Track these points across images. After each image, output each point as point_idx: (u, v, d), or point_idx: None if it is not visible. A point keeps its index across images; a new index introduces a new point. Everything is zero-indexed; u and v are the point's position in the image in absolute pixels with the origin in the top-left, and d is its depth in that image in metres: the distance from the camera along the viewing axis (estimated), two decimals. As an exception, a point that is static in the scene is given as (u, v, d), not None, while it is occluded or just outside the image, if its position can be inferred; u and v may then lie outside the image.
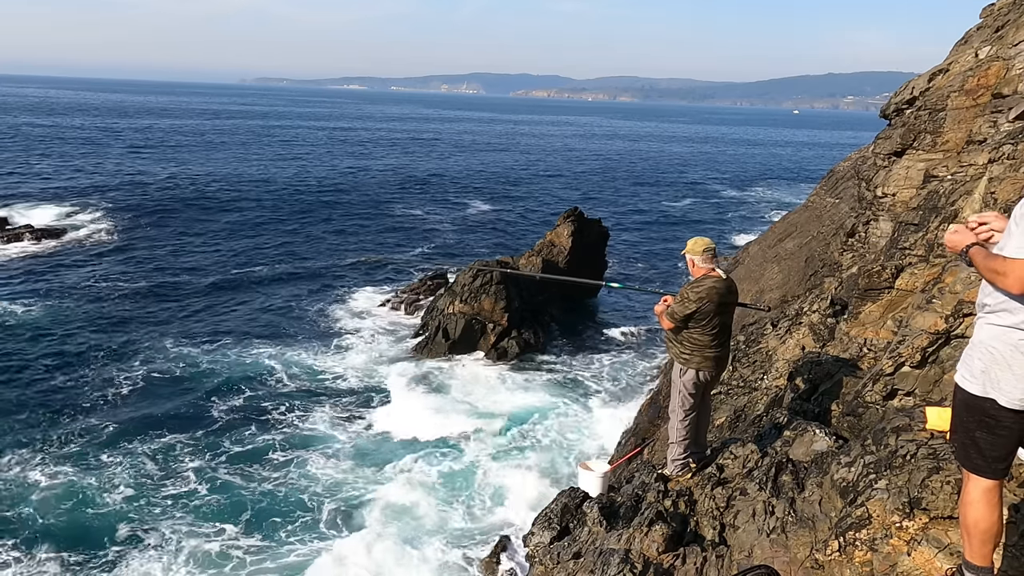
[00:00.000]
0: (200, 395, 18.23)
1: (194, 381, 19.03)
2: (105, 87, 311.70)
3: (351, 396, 18.82)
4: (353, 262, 31.65)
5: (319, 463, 15.52)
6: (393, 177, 58.76)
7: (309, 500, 14.15)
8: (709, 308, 5.85)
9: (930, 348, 6.00)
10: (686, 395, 6.13)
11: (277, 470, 15.17)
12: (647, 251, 37.56)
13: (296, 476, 14.98)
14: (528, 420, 18.03)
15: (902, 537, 4.10)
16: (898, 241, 8.45)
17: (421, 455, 16.14)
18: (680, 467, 6.37)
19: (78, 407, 17.31)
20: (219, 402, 17.95)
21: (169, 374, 19.37)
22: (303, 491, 14.43)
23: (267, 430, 16.81)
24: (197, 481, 14.53)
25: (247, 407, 17.85)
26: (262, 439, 16.39)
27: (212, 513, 13.54)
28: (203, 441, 16.10)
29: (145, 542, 12.68)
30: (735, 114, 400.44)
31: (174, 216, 37.93)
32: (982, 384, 3.06)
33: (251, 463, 15.37)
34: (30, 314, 22.82)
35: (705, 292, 5.84)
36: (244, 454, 15.75)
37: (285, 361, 20.59)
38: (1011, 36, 9.07)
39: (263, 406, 17.93)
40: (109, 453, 15.34)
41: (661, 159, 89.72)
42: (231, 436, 16.41)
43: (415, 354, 21.51)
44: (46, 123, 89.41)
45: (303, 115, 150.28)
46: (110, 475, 14.55)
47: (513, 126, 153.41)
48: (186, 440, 16.06)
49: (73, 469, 14.68)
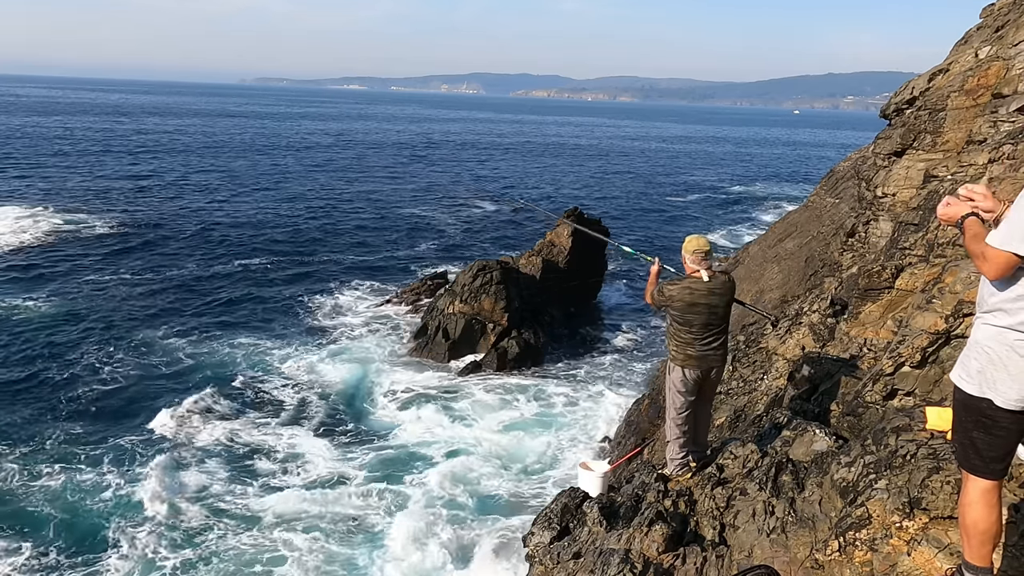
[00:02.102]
0: (199, 394, 18.17)
1: (192, 379, 18.99)
2: (105, 87, 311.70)
3: (351, 396, 18.80)
4: (353, 262, 31.65)
5: (318, 463, 15.50)
6: (392, 177, 58.80)
7: (308, 499, 14.13)
8: (680, 307, 5.88)
9: (930, 348, 6.00)
10: (675, 393, 6.17)
11: (274, 468, 15.16)
12: (647, 251, 37.53)
13: (295, 475, 14.97)
14: (527, 420, 18.03)
15: (902, 537, 4.10)
16: (898, 241, 8.46)
17: (420, 455, 16.14)
18: (680, 467, 6.38)
19: (62, 402, 17.43)
20: (217, 401, 17.90)
21: (169, 373, 19.35)
22: (303, 490, 14.41)
23: (263, 429, 16.80)
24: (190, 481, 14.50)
25: (245, 406, 17.82)
26: (258, 438, 16.36)
27: (195, 517, 13.46)
28: (199, 440, 16.08)
29: (131, 536, 12.71)
30: (735, 114, 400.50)
31: (174, 216, 37.94)
32: (978, 384, 3.06)
33: (247, 461, 15.36)
34: (32, 309, 22.82)
35: (677, 292, 5.90)
36: (240, 453, 15.74)
37: (283, 361, 20.58)
38: (1011, 36, 9.07)
39: (260, 406, 17.90)
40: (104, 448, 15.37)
41: (661, 159, 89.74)
42: (228, 435, 16.39)
43: (415, 354, 21.50)
44: (46, 123, 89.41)
45: (304, 115, 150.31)
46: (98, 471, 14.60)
47: (513, 126, 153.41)
48: (179, 440, 16.03)
49: (57, 466, 14.69)
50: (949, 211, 3.14)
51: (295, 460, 15.60)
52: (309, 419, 17.47)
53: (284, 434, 16.68)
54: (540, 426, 17.74)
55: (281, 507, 13.79)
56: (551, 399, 19.27)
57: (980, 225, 3.02)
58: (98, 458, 15.14)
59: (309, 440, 16.50)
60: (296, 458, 15.68)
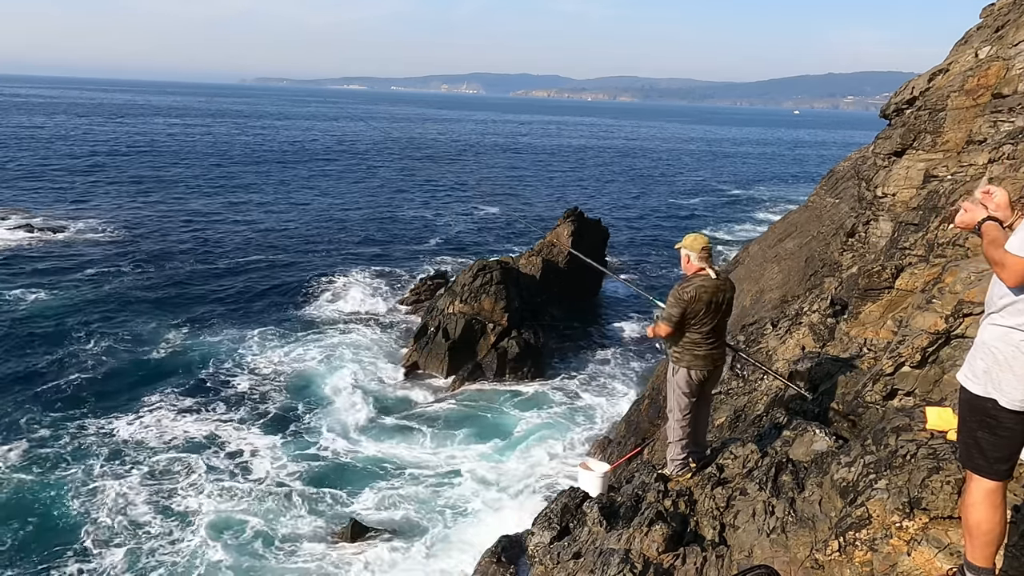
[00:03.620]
0: (197, 392, 18.21)
1: (189, 378, 19.01)
2: (106, 87, 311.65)
3: (349, 396, 18.78)
4: (353, 262, 31.63)
5: (316, 465, 15.50)
6: (392, 177, 58.82)
7: (307, 500, 14.13)
8: (698, 308, 5.85)
9: (930, 348, 5.99)
10: (680, 395, 6.14)
11: (271, 465, 15.15)
12: (647, 251, 37.56)
13: (293, 477, 14.97)
14: (527, 420, 18.03)
15: (902, 537, 4.10)
16: (898, 241, 8.46)
17: (418, 455, 16.14)
18: (680, 467, 6.37)
19: (55, 391, 17.60)
20: (215, 400, 17.93)
21: (167, 372, 19.34)
22: (300, 492, 14.40)
23: (259, 428, 16.78)
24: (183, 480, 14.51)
25: (241, 405, 17.82)
26: (254, 438, 16.35)
27: (187, 511, 13.50)
28: (197, 438, 16.09)
29: (121, 528, 12.78)
30: (735, 114, 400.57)
31: (175, 214, 37.96)
32: (984, 384, 3.06)
33: (241, 459, 15.36)
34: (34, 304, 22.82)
35: (694, 291, 5.85)
36: (234, 449, 15.73)
37: (282, 360, 20.57)
38: (1011, 36, 9.07)
39: (257, 404, 17.90)
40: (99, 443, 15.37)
41: (661, 159, 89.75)
42: (224, 434, 16.39)
43: (414, 354, 21.49)
44: (46, 124, 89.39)
45: (304, 115, 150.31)
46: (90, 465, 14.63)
47: (513, 126, 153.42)
48: (176, 438, 16.04)
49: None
50: (966, 217, 3.11)
51: (291, 459, 15.55)
52: (305, 420, 17.42)
53: (275, 434, 16.59)
54: (539, 426, 17.74)
55: (272, 506, 13.76)
56: (551, 399, 19.27)
57: (998, 230, 2.98)
58: (50, 453, 15.15)
59: (303, 440, 16.46)
60: (293, 457, 15.63)
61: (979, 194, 3.13)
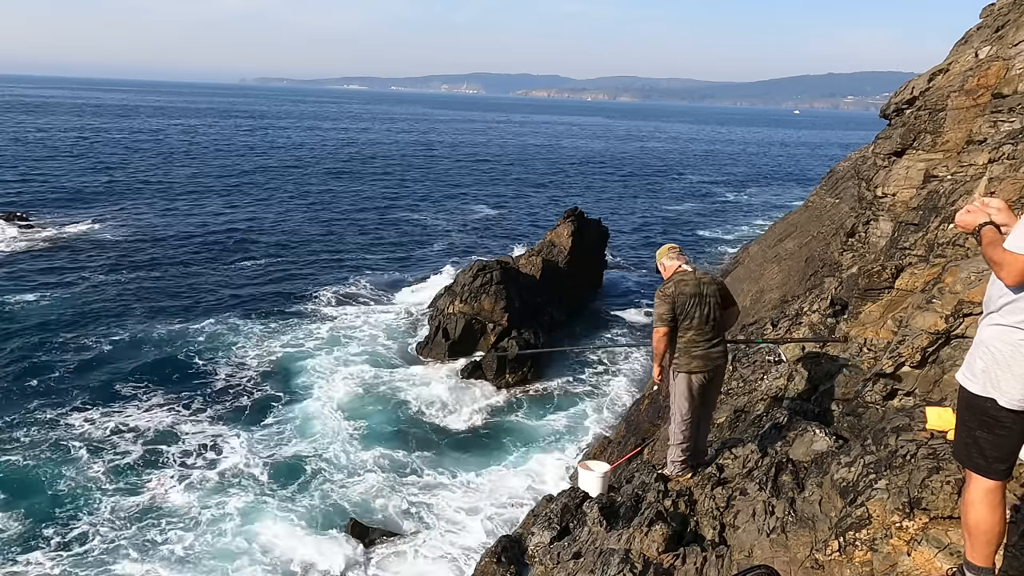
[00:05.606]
0: (196, 391, 18.20)
1: (188, 377, 18.98)
2: (107, 87, 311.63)
3: (349, 396, 18.77)
4: (352, 262, 31.63)
5: (315, 464, 15.48)
6: (391, 177, 58.81)
7: (306, 499, 14.13)
8: (684, 300, 5.94)
9: (930, 348, 5.99)
10: (683, 400, 6.15)
11: (271, 464, 15.16)
12: (647, 251, 37.54)
13: (293, 477, 14.96)
14: (526, 420, 18.03)
15: (902, 537, 4.10)
16: (898, 241, 8.46)
17: (418, 455, 16.13)
18: (680, 467, 6.38)
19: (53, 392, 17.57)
20: (214, 399, 17.91)
21: (165, 371, 19.31)
22: (299, 492, 14.41)
23: (258, 427, 16.76)
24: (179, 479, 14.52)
25: (239, 404, 17.78)
26: (250, 436, 16.34)
27: (182, 508, 13.50)
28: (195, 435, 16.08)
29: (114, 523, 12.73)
30: (735, 114, 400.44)
31: (175, 214, 37.96)
32: (983, 384, 3.07)
33: (241, 459, 15.33)
34: (32, 304, 22.83)
35: (674, 286, 6.01)
36: (233, 449, 15.70)
37: (281, 359, 20.54)
38: (1011, 36, 9.07)
39: (255, 403, 17.86)
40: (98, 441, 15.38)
41: (661, 159, 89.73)
42: (224, 434, 16.38)
43: (414, 354, 21.49)
44: (46, 124, 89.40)
45: (304, 114, 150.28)
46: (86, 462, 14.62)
47: (513, 126, 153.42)
48: (176, 434, 16.04)
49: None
50: (968, 218, 3.17)
51: (288, 458, 15.51)
52: (303, 419, 17.38)
53: (272, 432, 16.54)
54: (539, 426, 17.74)
55: (268, 505, 13.77)
56: (551, 399, 19.27)
57: (996, 233, 3.04)
58: (50, 451, 15.17)
59: (301, 440, 16.44)
60: (290, 457, 15.60)
61: (978, 203, 3.20)
